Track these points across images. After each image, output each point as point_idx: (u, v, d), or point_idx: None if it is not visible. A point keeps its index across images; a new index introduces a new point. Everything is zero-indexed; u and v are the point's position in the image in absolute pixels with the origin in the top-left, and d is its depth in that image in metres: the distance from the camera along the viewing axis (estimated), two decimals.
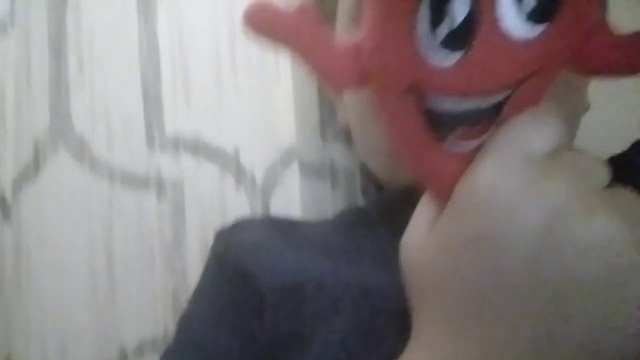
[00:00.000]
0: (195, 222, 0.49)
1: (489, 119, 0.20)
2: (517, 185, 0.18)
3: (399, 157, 0.22)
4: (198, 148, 0.49)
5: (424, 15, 0.19)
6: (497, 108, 0.20)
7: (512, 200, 0.18)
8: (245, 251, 0.35)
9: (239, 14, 0.50)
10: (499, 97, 0.20)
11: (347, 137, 0.48)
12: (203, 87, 0.49)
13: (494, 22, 0.18)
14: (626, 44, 0.20)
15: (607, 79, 0.21)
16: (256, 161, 0.50)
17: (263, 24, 0.21)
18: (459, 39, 0.19)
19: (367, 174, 0.48)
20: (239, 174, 0.50)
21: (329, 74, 0.22)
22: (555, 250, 0.17)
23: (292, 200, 0.50)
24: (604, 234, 0.17)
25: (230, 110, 0.49)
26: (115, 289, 0.48)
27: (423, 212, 0.21)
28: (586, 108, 0.35)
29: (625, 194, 0.19)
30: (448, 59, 0.19)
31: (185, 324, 0.37)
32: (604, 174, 0.19)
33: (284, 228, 0.39)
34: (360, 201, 0.50)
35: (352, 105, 0.37)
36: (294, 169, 0.50)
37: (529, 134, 0.19)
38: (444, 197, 0.21)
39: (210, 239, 0.48)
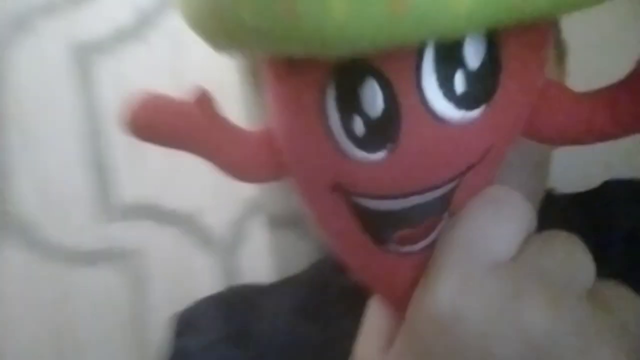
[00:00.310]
0: (162, 292, 0.47)
1: (436, 214, 0.17)
2: (486, 312, 0.15)
3: (340, 258, 0.19)
4: (155, 213, 0.47)
5: (331, 105, 0.16)
6: (445, 199, 0.17)
7: (482, 331, 0.15)
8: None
9: (187, 72, 0.47)
10: (441, 192, 0.16)
11: None
12: (156, 150, 0.46)
13: (421, 108, 0.15)
14: (582, 106, 0.17)
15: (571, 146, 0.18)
16: (219, 219, 0.48)
17: (157, 125, 0.17)
18: (381, 133, 0.15)
19: None
20: (203, 234, 0.48)
21: (241, 171, 0.18)
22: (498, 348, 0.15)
23: (259, 256, 0.48)
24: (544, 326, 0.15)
25: (188, 169, 0.47)
26: None
27: (374, 323, 0.19)
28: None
29: (617, 297, 0.17)
30: (372, 156, 0.16)
31: None
32: (586, 267, 0.17)
33: (244, 314, 0.37)
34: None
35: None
36: (261, 222, 0.48)
37: (489, 234, 0.16)
38: (395, 305, 0.18)
39: (175, 309, 0.45)
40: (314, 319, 0.35)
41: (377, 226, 0.17)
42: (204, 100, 0.17)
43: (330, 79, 0.15)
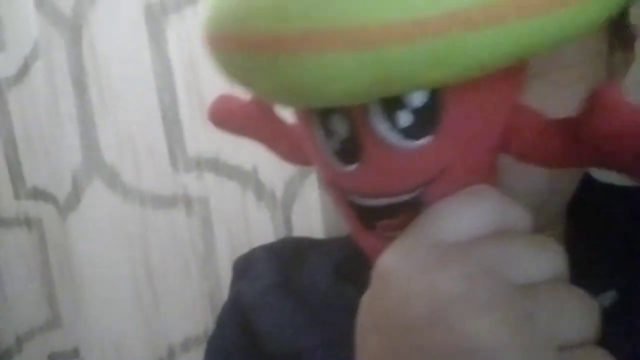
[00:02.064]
0: (223, 234, 0.51)
1: (410, 211, 0.19)
2: (411, 272, 0.17)
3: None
4: (218, 167, 0.50)
5: (317, 127, 0.19)
6: (415, 200, 0.19)
7: (404, 287, 0.17)
8: (251, 306, 0.38)
9: None
10: (408, 196, 0.19)
11: None
12: None
13: (376, 137, 0.18)
14: (559, 131, 0.17)
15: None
16: (275, 177, 0.49)
17: (225, 120, 0.24)
18: (350, 151, 0.19)
19: None
20: (259, 190, 0.50)
21: (287, 156, 0.24)
22: (437, 345, 0.16)
23: (312, 212, 0.49)
24: (489, 340, 0.15)
25: None
26: (157, 296, 0.52)
27: None
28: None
29: (539, 295, 0.16)
30: (348, 168, 0.19)
31: (211, 347, 0.40)
32: (524, 269, 0.17)
33: (293, 264, 0.39)
34: None
35: None
36: (313, 181, 0.49)
37: (443, 221, 0.18)
38: None
39: (237, 251, 0.49)
40: (351, 280, 0.36)
41: (365, 216, 0.20)
42: (260, 100, 0.23)
43: (316, 111, 0.20)
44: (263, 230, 0.50)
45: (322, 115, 0.19)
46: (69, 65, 0.48)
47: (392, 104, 0.17)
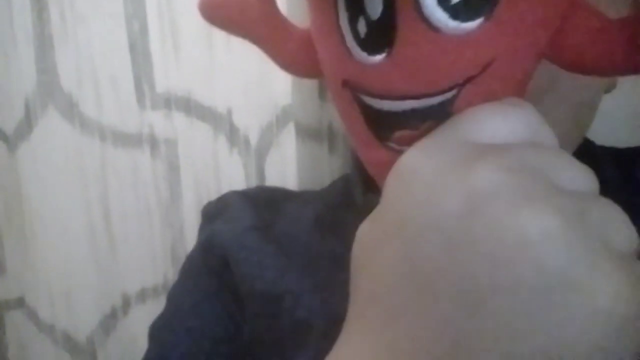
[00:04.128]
0: (190, 180, 0.47)
1: (434, 120, 0.16)
2: (439, 166, 0.15)
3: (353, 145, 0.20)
4: (190, 107, 0.45)
5: (341, 8, 0.17)
6: (443, 106, 0.16)
7: (430, 181, 0.15)
8: (228, 245, 0.34)
9: None
10: (437, 98, 0.16)
11: None
12: (193, 41, 0.44)
13: (417, 17, 0.15)
14: (620, 29, 0.15)
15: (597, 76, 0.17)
16: (250, 122, 0.46)
17: (219, 14, 0.19)
18: (380, 36, 0.16)
19: None
20: (233, 134, 0.46)
21: (287, 63, 0.21)
22: (473, 242, 0.14)
23: (287, 163, 0.46)
24: (537, 230, 0.13)
25: (222, 67, 0.44)
26: (114, 242, 0.48)
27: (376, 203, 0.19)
28: (607, 90, 0.29)
29: (587, 199, 0.14)
30: (373, 58, 0.16)
31: (173, 298, 0.36)
32: (566, 175, 0.15)
33: (270, 212, 0.37)
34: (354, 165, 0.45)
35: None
36: (290, 130, 0.46)
37: (474, 123, 0.16)
38: None
39: (205, 198, 0.46)
40: (332, 232, 0.34)
41: (379, 124, 0.18)
42: None
43: None
44: (234, 179, 0.46)
45: None
46: None
47: None
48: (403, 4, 0.15)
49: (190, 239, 0.48)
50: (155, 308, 0.46)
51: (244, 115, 0.45)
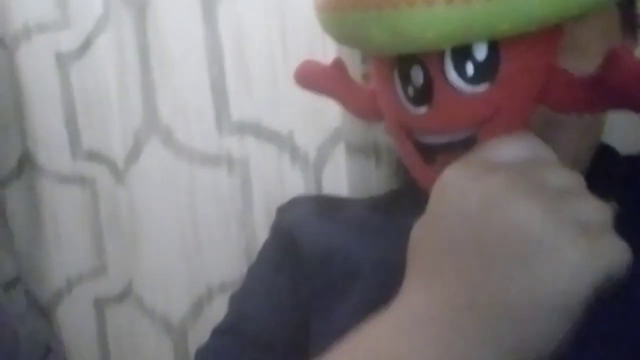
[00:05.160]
0: (261, 193, 0.56)
1: (465, 148, 0.24)
2: (467, 178, 0.22)
3: (408, 168, 0.28)
4: (259, 131, 0.55)
5: (396, 78, 0.25)
6: (470, 139, 0.24)
7: (460, 190, 0.22)
8: (294, 224, 0.43)
9: (289, 14, 0.53)
10: (464, 134, 0.24)
11: None
12: (260, 79, 0.53)
13: (445, 84, 0.23)
14: (588, 85, 0.22)
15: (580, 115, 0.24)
16: (308, 142, 0.54)
17: (308, 79, 0.30)
18: (422, 96, 0.24)
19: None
20: (294, 153, 0.55)
21: (358, 112, 0.30)
22: (487, 228, 0.21)
23: (340, 176, 0.54)
24: (526, 214, 0.20)
25: (284, 98, 0.53)
26: (200, 244, 0.58)
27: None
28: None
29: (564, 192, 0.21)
30: (419, 110, 0.25)
31: (250, 273, 0.46)
32: (557, 180, 0.22)
33: (329, 206, 0.46)
34: (400, 179, 0.53)
35: None
36: (342, 148, 0.53)
37: (490, 148, 0.23)
38: None
39: (272, 208, 0.54)
40: (387, 212, 0.42)
41: (427, 152, 0.25)
42: (339, 66, 0.29)
43: (396, 63, 0.25)
44: (296, 190, 0.54)
45: (402, 67, 0.24)
46: (135, 39, 0.53)
47: (461, 57, 0.22)
48: (436, 76, 0.23)
49: (261, 241, 0.57)
50: None
51: (304, 136, 0.54)
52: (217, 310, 0.58)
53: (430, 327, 0.22)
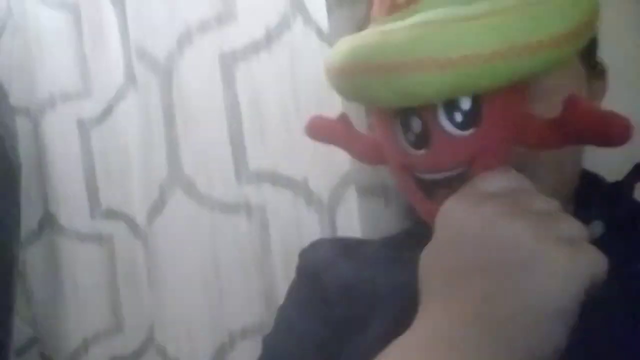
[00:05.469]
0: (278, 237, 0.59)
1: (460, 182, 0.28)
2: (466, 207, 0.26)
3: (411, 205, 0.32)
4: (275, 179, 0.59)
5: (398, 127, 0.30)
6: (463, 174, 0.28)
7: (461, 217, 0.26)
8: (318, 264, 0.47)
9: (300, 74, 0.58)
10: (459, 170, 0.28)
11: None
12: (275, 130, 0.58)
13: (439, 130, 0.28)
14: (553, 126, 0.26)
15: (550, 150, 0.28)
16: (322, 185, 0.58)
17: (318, 132, 0.34)
18: (421, 141, 0.29)
19: None
20: (309, 197, 0.58)
21: (363, 158, 0.34)
22: (489, 246, 0.25)
23: (352, 216, 0.57)
24: (520, 232, 0.24)
25: (298, 147, 0.58)
26: (222, 290, 0.60)
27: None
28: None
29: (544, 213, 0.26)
30: (419, 152, 0.29)
31: (280, 315, 0.48)
32: (537, 204, 0.26)
33: (348, 246, 0.49)
34: (409, 218, 0.56)
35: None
36: (352, 190, 0.57)
37: (480, 181, 0.28)
38: None
39: (290, 251, 0.57)
40: (397, 249, 0.44)
41: (427, 187, 0.29)
42: (345, 120, 0.34)
43: (397, 114, 0.29)
44: (312, 232, 0.57)
45: (403, 118, 0.29)
46: (161, 100, 0.58)
47: (451, 108, 0.27)
48: (431, 124, 0.28)
49: (280, 285, 0.59)
50: (254, 343, 0.56)
51: (317, 181, 0.57)
52: (239, 357, 0.60)
53: (448, 343, 0.24)
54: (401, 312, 0.28)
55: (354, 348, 0.40)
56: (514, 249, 0.24)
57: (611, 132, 0.24)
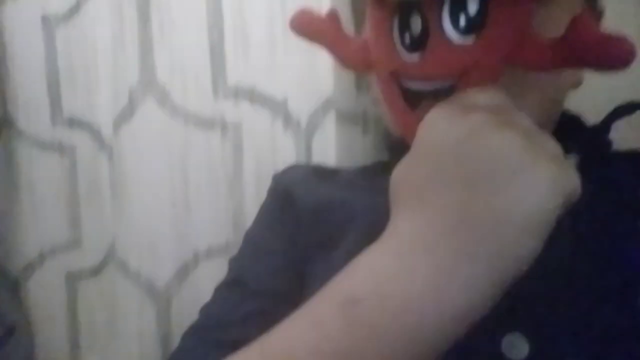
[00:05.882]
0: (252, 157, 0.57)
1: (446, 94, 0.27)
2: (452, 114, 0.25)
3: (390, 117, 0.30)
4: (254, 96, 0.56)
5: (395, 26, 0.28)
6: (454, 89, 0.27)
7: (445, 125, 0.25)
8: (291, 185, 0.45)
9: None
10: (449, 82, 0.27)
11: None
12: (258, 45, 0.55)
13: (439, 32, 0.27)
14: (555, 46, 0.25)
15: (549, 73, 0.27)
16: (301, 109, 0.56)
17: (303, 27, 0.31)
18: (417, 43, 0.28)
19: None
20: (287, 119, 0.57)
21: (348, 62, 0.32)
22: (474, 154, 0.24)
23: (329, 143, 0.56)
24: (508, 142, 0.23)
25: (280, 65, 0.55)
26: (190, 207, 0.58)
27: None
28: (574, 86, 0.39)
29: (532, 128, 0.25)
30: (412, 57, 0.28)
31: (248, 236, 0.47)
32: (527, 123, 0.25)
33: (322, 172, 0.48)
34: (386, 149, 0.55)
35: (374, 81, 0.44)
36: (332, 116, 0.56)
37: (468, 94, 0.27)
38: None
39: (263, 171, 0.56)
40: (373, 175, 0.44)
41: (412, 97, 0.28)
42: (334, 17, 0.31)
43: (396, 12, 0.28)
44: (287, 155, 0.56)
45: (403, 16, 0.28)
46: None
47: (457, 8, 0.26)
48: (432, 24, 0.27)
49: (249, 207, 0.58)
50: (219, 264, 0.55)
51: (297, 103, 0.56)
52: (203, 276, 0.59)
53: (421, 248, 0.24)
54: (374, 228, 0.27)
55: (325, 265, 0.40)
56: (502, 158, 0.23)
57: (613, 52, 0.23)
